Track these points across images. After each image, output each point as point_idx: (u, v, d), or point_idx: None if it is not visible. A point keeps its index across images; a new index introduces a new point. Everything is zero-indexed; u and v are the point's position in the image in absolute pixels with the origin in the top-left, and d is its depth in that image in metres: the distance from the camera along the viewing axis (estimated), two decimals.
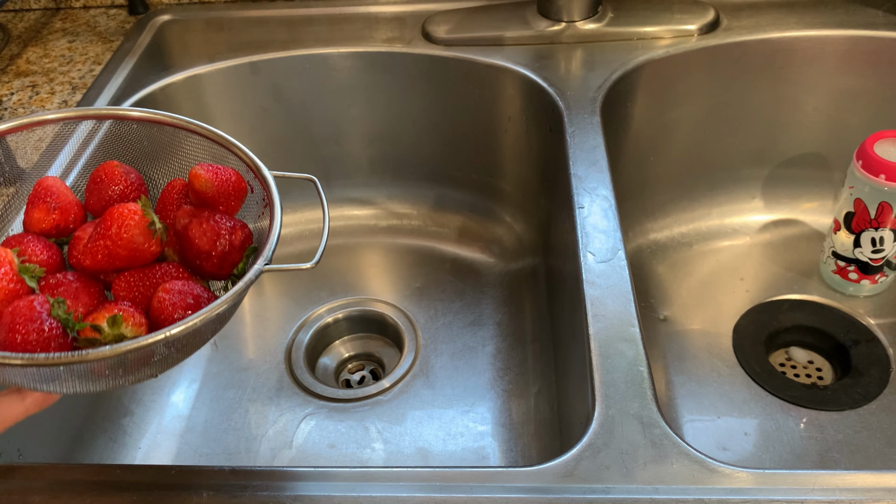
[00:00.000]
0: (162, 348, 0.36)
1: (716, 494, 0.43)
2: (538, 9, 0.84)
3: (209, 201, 0.42)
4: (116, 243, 0.38)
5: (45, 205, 0.42)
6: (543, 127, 0.78)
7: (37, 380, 0.36)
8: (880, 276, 0.76)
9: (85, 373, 0.36)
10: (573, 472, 0.45)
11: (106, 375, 0.37)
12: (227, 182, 0.42)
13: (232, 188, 0.42)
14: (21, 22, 0.95)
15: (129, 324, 0.36)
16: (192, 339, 0.38)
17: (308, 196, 0.88)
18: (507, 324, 0.80)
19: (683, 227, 0.87)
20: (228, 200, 0.42)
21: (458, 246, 0.89)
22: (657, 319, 0.78)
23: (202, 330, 0.37)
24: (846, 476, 0.43)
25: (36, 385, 0.36)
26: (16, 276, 0.37)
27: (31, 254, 0.39)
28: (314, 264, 0.41)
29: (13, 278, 0.36)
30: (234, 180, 0.43)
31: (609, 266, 0.57)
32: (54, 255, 0.40)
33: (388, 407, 0.73)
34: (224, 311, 0.37)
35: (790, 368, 0.74)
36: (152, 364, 0.38)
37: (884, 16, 0.81)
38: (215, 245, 0.40)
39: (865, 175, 0.70)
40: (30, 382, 0.36)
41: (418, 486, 0.44)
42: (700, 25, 0.81)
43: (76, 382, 0.36)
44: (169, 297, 0.37)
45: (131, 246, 0.38)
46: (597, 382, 0.49)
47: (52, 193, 0.42)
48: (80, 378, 0.36)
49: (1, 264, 0.36)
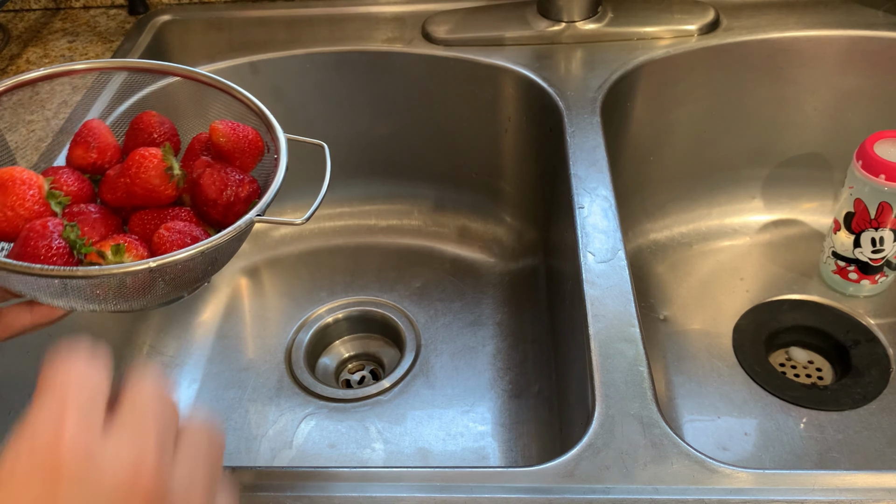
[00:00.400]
0: (155, 280, 0.40)
1: (716, 494, 0.43)
2: (538, 9, 0.84)
3: (225, 155, 0.45)
4: (135, 182, 0.42)
5: (87, 143, 0.46)
6: (543, 127, 0.78)
7: (40, 291, 0.39)
8: (880, 276, 0.76)
9: (81, 291, 0.39)
10: (573, 472, 0.45)
11: (101, 297, 0.40)
12: (244, 139, 0.46)
13: (248, 145, 0.46)
14: (21, 22, 0.95)
15: (131, 254, 0.40)
16: (181, 275, 0.41)
17: (309, 198, 0.88)
18: (507, 324, 0.80)
19: (683, 227, 0.87)
20: (244, 156, 0.46)
21: (458, 246, 0.89)
22: (657, 319, 0.78)
23: (191, 267, 0.40)
24: (846, 476, 0.43)
25: (40, 297, 0.40)
26: (42, 200, 0.41)
27: (63, 183, 0.44)
28: (305, 220, 0.44)
29: (39, 201, 0.41)
30: (251, 138, 0.46)
31: (609, 266, 0.57)
32: (85, 189, 0.44)
33: (388, 407, 0.73)
34: (211, 251, 0.40)
35: (790, 368, 0.74)
36: (148, 294, 0.41)
37: (884, 16, 0.81)
38: (221, 194, 0.43)
39: (865, 175, 0.70)
40: (34, 293, 0.40)
41: (418, 486, 0.45)
42: (700, 25, 0.81)
43: (76, 300, 0.40)
44: (168, 234, 0.41)
45: (147, 186, 0.42)
46: (597, 382, 0.49)
47: (94, 134, 0.47)
48: (78, 296, 0.40)
49: (31, 187, 0.41)
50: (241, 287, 0.87)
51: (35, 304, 0.41)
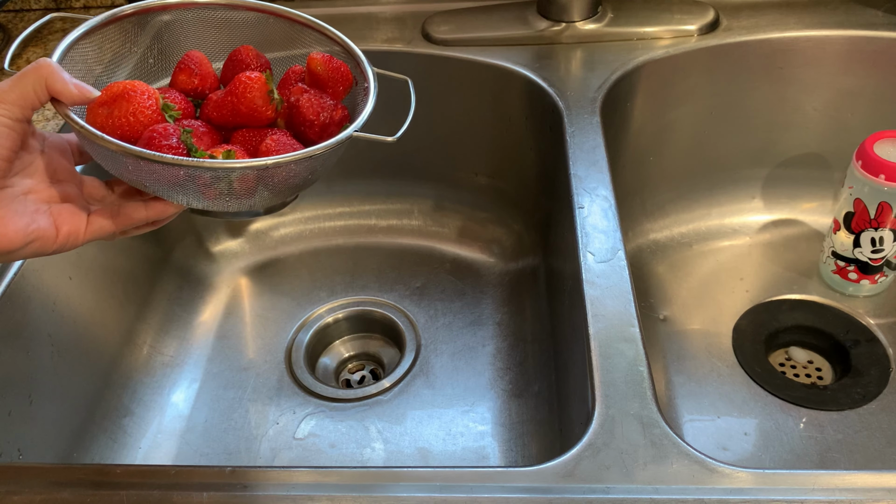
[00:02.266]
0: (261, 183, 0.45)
1: (716, 494, 0.43)
2: (538, 9, 0.84)
3: (320, 82, 0.51)
4: (241, 101, 0.48)
5: (190, 70, 0.52)
6: (543, 127, 0.78)
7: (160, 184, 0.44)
8: (880, 276, 0.76)
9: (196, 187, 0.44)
10: (573, 472, 0.45)
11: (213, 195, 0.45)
12: (337, 70, 0.52)
13: (340, 75, 0.52)
14: (21, 22, 0.95)
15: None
16: (285, 180, 0.46)
17: (307, 198, 0.88)
18: (507, 324, 0.80)
19: (683, 227, 0.87)
20: (336, 85, 0.52)
21: (458, 246, 0.89)
22: (657, 319, 0.78)
23: (295, 173, 0.45)
24: (846, 476, 0.43)
25: (159, 189, 0.45)
26: (158, 111, 0.46)
27: (171, 100, 0.49)
28: (396, 139, 0.51)
29: (156, 111, 0.46)
30: (343, 70, 0.52)
31: (609, 266, 0.57)
32: (189, 109, 0.50)
33: (388, 407, 0.73)
34: (315, 160, 0.45)
35: (790, 368, 0.74)
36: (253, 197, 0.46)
37: (884, 16, 0.81)
38: (319, 116, 0.49)
39: (865, 175, 0.70)
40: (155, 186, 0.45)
41: (418, 486, 0.45)
42: (700, 25, 0.81)
43: (191, 195, 0.45)
44: (275, 144, 0.46)
45: (252, 106, 0.47)
46: (597, 382, 0.49)
47: (196, 63, 0.52)
48: (192, 192, 0.45)
49: (149, 98, 0.46)
50: (241, 287, 0.87)
51: (150, 201, 0.47)
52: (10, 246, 0.43)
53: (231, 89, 0.48)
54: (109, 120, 0.45)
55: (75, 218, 0.45)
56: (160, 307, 0.81)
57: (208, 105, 0.50)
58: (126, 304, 0.77)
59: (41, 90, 0.44)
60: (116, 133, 0.45)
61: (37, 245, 0.44)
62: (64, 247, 0.45)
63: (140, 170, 0.43)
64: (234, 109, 0.48)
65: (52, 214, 0.45)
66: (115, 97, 0.45)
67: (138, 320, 0.78)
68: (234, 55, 0.53)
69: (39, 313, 0.65)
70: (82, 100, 0.45)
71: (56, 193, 0.46)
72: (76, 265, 0.69)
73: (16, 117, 0.43)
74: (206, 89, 0.52)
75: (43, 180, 0.45)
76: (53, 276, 0.66)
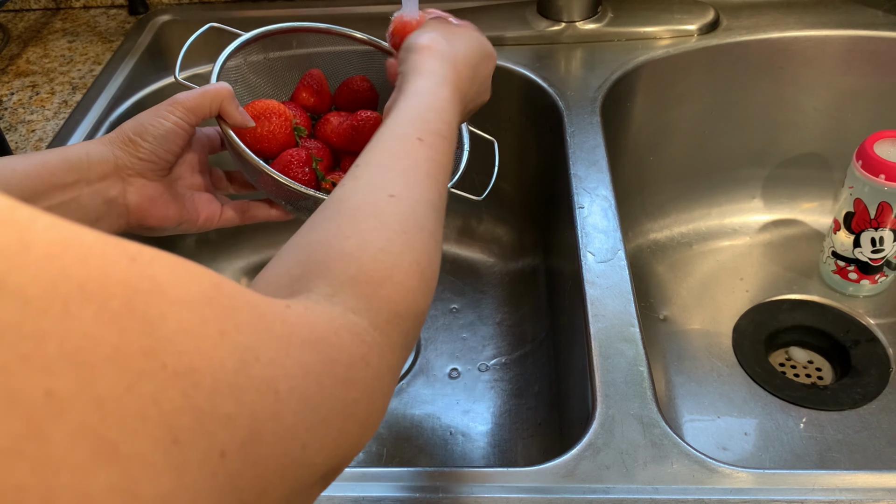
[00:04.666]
0: None
1: (716, 494, 0.43)
2: (538, 9, 0.84)
3: None
4: (359, 134, 0.55)
5: (311, 89, 0.59)
6: (543, 127, 0.78)
7: (289, 202, 0.53)
8: (880, 276, 0.76)
9: (314, 208, 0.50)
10: (573, 472, 0.45)
11: None
12: None
13: None
14: (21, 22, 0.95)
15: None
16: None
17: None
18: (507, 324, 0.80)
19: (683, 227, 0.87)
20: None
21: (458, 246, 0.89)
22: (657, 319, 0.78)
23: None
24: (846, 476, 0.43)
25: (286, 205, 0.54)
26: (290, 130, 0.54)
27: (297, 116, 0.57)
28: (482, 198, 0.59)
29: (288, 130, 0.54)
30: None
31: (609, 266, 0.57)
32: (308, 124, 0.58)
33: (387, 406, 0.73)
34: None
35: (790, 368, 0.74)
36: None
37: (884, 16, 0.81)
38: None
39: (865, 175, 0.70)
40: (284, 200, 0.53)
41: (418, 486, 0.45)
42: (700, 25, 0.81)
43: (306, 212, 0.53)
44: None
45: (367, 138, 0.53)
46: (597, 382, 0.49)
47: (316, 81, 0.59)
48: (309, 211, 0.51)
49: (286, 119, 0.54)
50: None
51: (274, 206, 0.56)
52: (168, 224, 0.51)
53: (353, 123, 0.56)
54: (252, 135, 0.53)
55: (211, 206, 0.54)
56: None
57: (327, 127, 0.57)
58: None
59: (215, 108, 0.51)
60: (256, 146, 0.53)
61: (184, 227, 0.53)
62: (202, 230, 0.54)
63: (279, 189, 0.51)
64: (351, 139, 0.56)
65: (194, 201, 0.53)
66: (258, 115, 0.53)
67: None
68: (348, 81, 0.61)
69: None
70: (242, 125, 0.52)
71: (197, 182, 0.54)
72: None
73: (190, 122, 0.50)
74: (322, 107, 0.59)
75: (189, 170, 0.54)
76: None
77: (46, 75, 0.83)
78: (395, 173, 0.39)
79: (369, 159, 0.40)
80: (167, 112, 0.50)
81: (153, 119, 0.49)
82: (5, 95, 0.80)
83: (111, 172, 0.48)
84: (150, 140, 0.49)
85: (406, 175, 0.39)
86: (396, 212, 0.36)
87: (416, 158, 0.40)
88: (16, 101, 0.79)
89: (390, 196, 0.37)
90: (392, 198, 0.37)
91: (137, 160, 0.49)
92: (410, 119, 0.42)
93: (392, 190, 0.37)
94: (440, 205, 0.41)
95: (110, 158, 0.48)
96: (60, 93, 0.80)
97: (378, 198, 0.37)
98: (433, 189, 0.40)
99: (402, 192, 0.38)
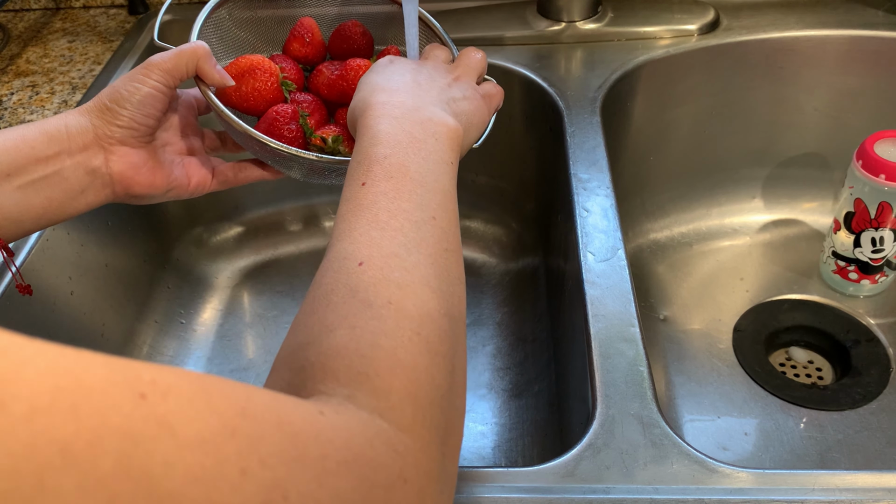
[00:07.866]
0: None
1: (716, 494, 0.43)
2: (538, 9, 0.84)
3: None
4: (350, 85, 0.52)
5: (303, 39, 0.56)
6: (543, 127, 0.78)
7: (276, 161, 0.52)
8: (880, 276, 0.76)
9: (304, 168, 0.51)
10: (573, 472, 0.45)
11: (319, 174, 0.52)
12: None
13: None
14: (21, 22, 0.95)
15: (345, 145, 0.51)
16: None
17: (306, 198, 0.87)
18: (507, 324, 0.80)
19: (683, 227, 0.87)
20: None
21: None
22: (657, 319, 0.78)
23: None
24: (846, 476, 0.43)
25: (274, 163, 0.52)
26: (278, 86, 0.52)
27: (286, 70, 0.54)
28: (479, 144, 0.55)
29: (276, 87, 0.52)
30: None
31: (609, 266, 0.57)
32: (299, 76, 0.56)
33: None
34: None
35: (790, 368, 0.74)
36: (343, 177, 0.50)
37: (884, 16, 0.81)
38: None
39: (865, 175, 0.70)
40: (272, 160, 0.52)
41: None
42: (700, 25, 0.81)
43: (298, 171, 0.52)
44: None
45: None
46: (597, 382, 0.49)
47: (308, 31, 0.57)
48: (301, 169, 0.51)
49: (271, 75, 0.52)
50: (241, 287, 0.87)
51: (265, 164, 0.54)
52: (156, 191, 0.49)
53: (343, 73, 0.53)
54: (237, 94, 0.51)
55: (202, 170, 0.53)
56: (160, 307, 0.81)
57: (319, 79, 0.55)
58: (126, 304, 0.77)
59: (192, 68, 0.49)
60: (242, 105, 0.51)
61: (174, 193, 0.51)
62: (193, 194, 0.53)
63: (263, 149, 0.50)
64: (342, 92, 0.53)
65: (184, 166, 0.52)
66: (242, 73, 0.51)
67: (138, 320, 0.78)
68: (341, 29, 0.57)
69: (39, 313, 0.65)
70: (220, 84, 0.50)
71: (185, 146, 0.53)
72: (76, 265, 0.69)
73: (168, 84, 0.49)
74: (315, 58, 0.57)
75: (176, 134, 0.52)
76: (53, 275, 0.66)
77: (46, 75, 0.83)
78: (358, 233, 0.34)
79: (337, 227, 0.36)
80: (142, 76, 0.48)
81: (129, 84, 0.48)
82: (5, 95, 0.80)
83: (91, 142, 0.47)
84: (127, 107, 0.47)
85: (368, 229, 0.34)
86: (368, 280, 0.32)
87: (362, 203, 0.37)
88: (16, 101, 0.79)
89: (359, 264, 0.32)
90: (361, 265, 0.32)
91: (117, 128, 0.47)
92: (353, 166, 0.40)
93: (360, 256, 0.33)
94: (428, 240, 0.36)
95: (89, 128, 0.47)
96: (60, 93, 0.80)
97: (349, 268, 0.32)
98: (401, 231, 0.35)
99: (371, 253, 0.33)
